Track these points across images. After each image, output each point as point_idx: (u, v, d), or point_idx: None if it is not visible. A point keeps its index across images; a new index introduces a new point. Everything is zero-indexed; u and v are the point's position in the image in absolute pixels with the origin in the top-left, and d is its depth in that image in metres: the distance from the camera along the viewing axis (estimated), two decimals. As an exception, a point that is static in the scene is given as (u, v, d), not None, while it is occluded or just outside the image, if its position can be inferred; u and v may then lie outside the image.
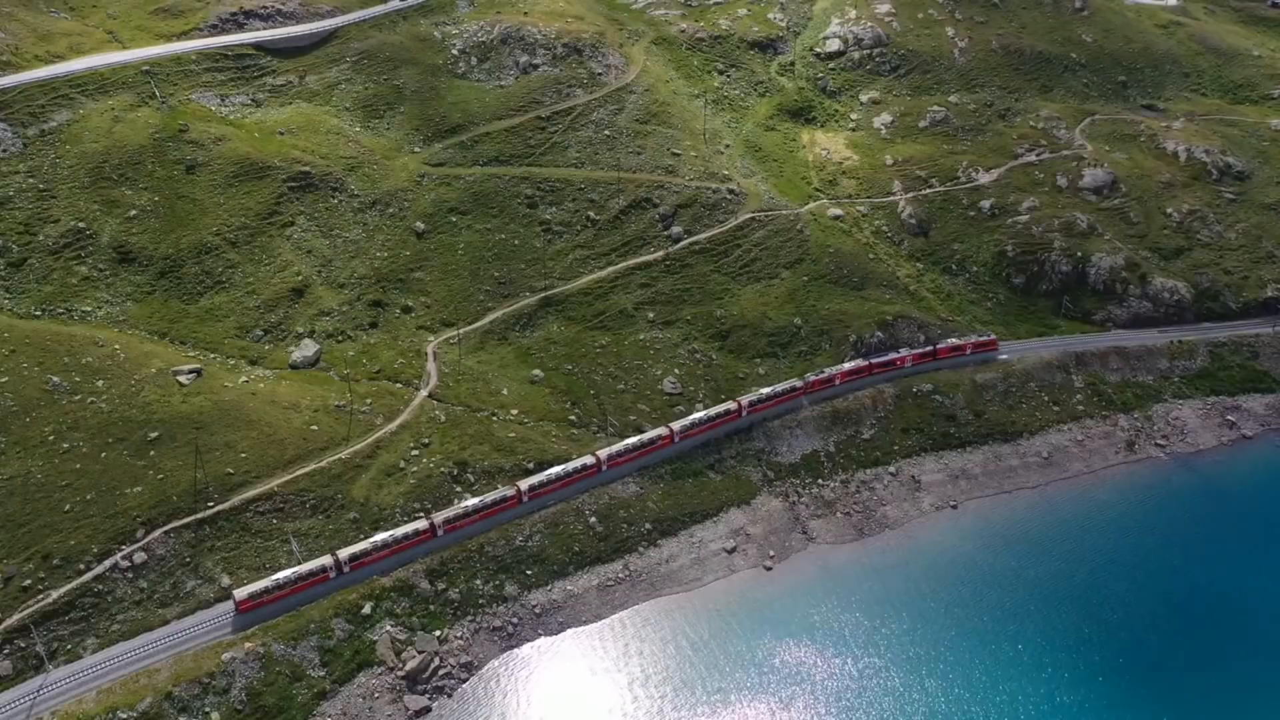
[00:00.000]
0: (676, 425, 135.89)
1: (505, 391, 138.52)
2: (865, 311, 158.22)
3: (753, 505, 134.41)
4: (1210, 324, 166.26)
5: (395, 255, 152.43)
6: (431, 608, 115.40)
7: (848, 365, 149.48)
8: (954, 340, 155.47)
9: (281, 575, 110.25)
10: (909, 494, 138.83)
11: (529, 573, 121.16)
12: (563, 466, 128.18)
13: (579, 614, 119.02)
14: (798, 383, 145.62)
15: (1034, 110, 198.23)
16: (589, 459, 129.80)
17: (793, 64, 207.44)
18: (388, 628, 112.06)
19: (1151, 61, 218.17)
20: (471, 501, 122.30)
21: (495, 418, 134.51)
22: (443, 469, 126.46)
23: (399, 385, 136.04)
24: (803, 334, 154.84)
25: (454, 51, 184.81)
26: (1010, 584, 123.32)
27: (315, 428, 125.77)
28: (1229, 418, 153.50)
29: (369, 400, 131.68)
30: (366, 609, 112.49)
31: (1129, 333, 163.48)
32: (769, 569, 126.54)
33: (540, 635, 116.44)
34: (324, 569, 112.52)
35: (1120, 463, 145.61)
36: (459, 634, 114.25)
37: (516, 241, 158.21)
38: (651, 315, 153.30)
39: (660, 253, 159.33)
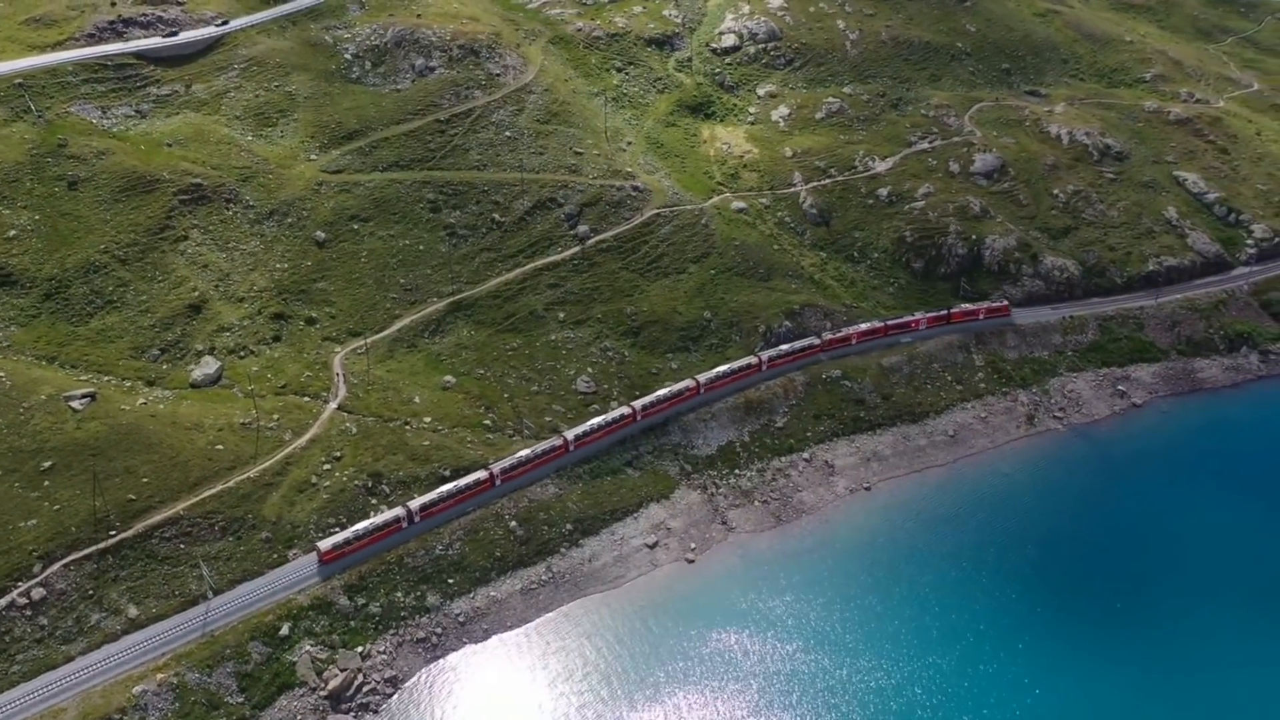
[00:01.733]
0: (764, 355, 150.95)
1: (417, 399, 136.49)
2: (773, 302, 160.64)
3: (672, 499, 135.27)
4: (1098, 299, 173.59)
5: (296, 266, 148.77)
6: (352, 624, 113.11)
7: (864, 326, 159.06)
8: (966, 306, 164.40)
9: (360, 526, 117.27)
10: (823, 479, 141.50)
11: (450, 581, 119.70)
12: (602, 418, 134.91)
13: (504, 619, 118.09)
14: (815, 340, 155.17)
15: (925, 99, 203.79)
16: (690, 382, 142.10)
17: (690, 60, 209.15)
18: (307, 647, 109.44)
19: (1032, 49, 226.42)
20: (524, 452, 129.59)
21: (408, 426, 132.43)
22: (356, 482, 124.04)
23: (307, 399, 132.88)
24: (713, 327, 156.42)
25: (347, 56, 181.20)
26: (926, 559, 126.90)
27: (221, 447, 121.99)
28: (1120, 388, 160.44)
29: (276, 416, 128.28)
30: (284, 629, 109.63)
31: (1024, 311, 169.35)
32: (691, 561, 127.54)
33: (465, 644, 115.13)
34: (397, 519, 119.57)
35: (1022, 436, 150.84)
36: (382, 648, 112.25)
37: (421, 247, 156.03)
38: (562, 315, 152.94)
39: (576, 247, 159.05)
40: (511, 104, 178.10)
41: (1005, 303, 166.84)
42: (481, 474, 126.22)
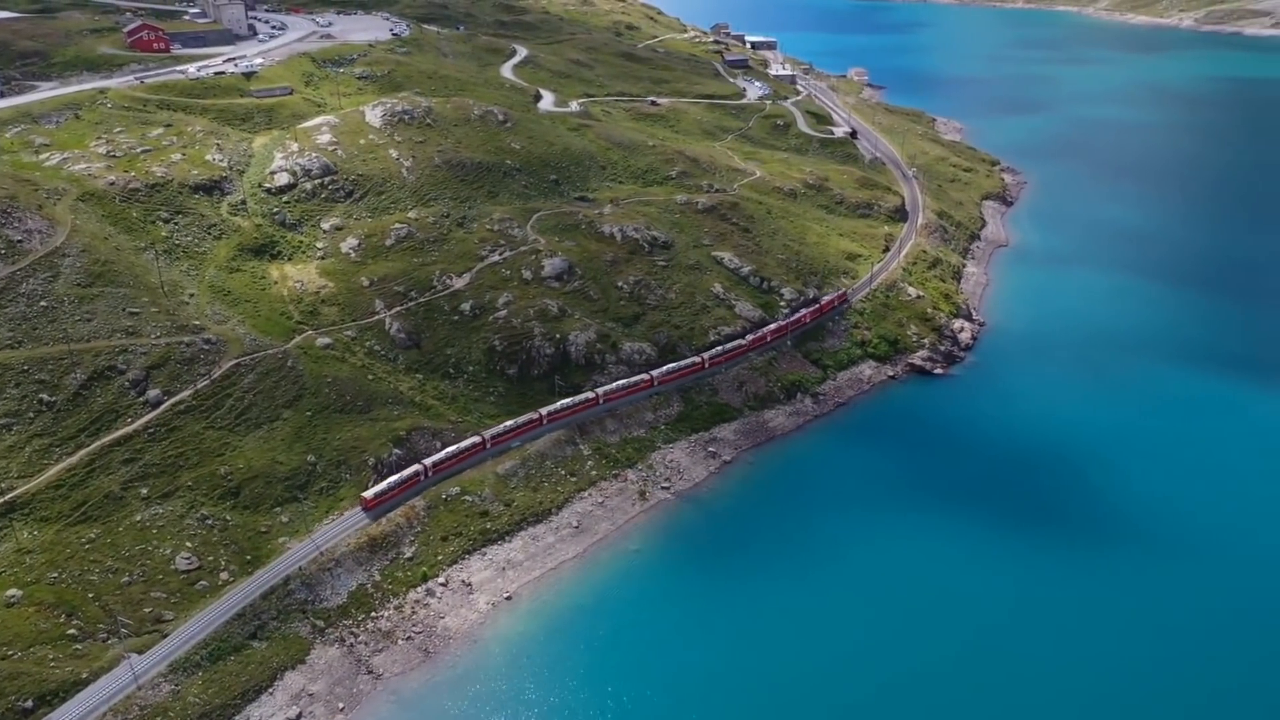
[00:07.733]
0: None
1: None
2: (377, 433, 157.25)
3: (309, 662, 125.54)
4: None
5: None
6: None
7: (794, 315, 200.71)
8: (823, 299, 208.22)
9: (393, 479, 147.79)
10: (464, 599, 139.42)
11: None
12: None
13: None
14: (742, 342, 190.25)
15: (488, 214, 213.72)
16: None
17: (244, 203, 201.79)
18: None
19: (573, 159, 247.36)
20: (508, 423, 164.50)
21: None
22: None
23: None
24: (320, 469, 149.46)
25: None
26: (573, 654, 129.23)
27: None
28: (710, 449, 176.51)
29: None
30: None
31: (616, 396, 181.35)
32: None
33: None
34: (416, 474, 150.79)
35: (639, 513, 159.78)
36: None
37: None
38: (145, 491, 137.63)
39: (149, 414, 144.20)
40: (43, 270, 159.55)
41: (843, 290, 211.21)
42: (475, 439, 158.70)
